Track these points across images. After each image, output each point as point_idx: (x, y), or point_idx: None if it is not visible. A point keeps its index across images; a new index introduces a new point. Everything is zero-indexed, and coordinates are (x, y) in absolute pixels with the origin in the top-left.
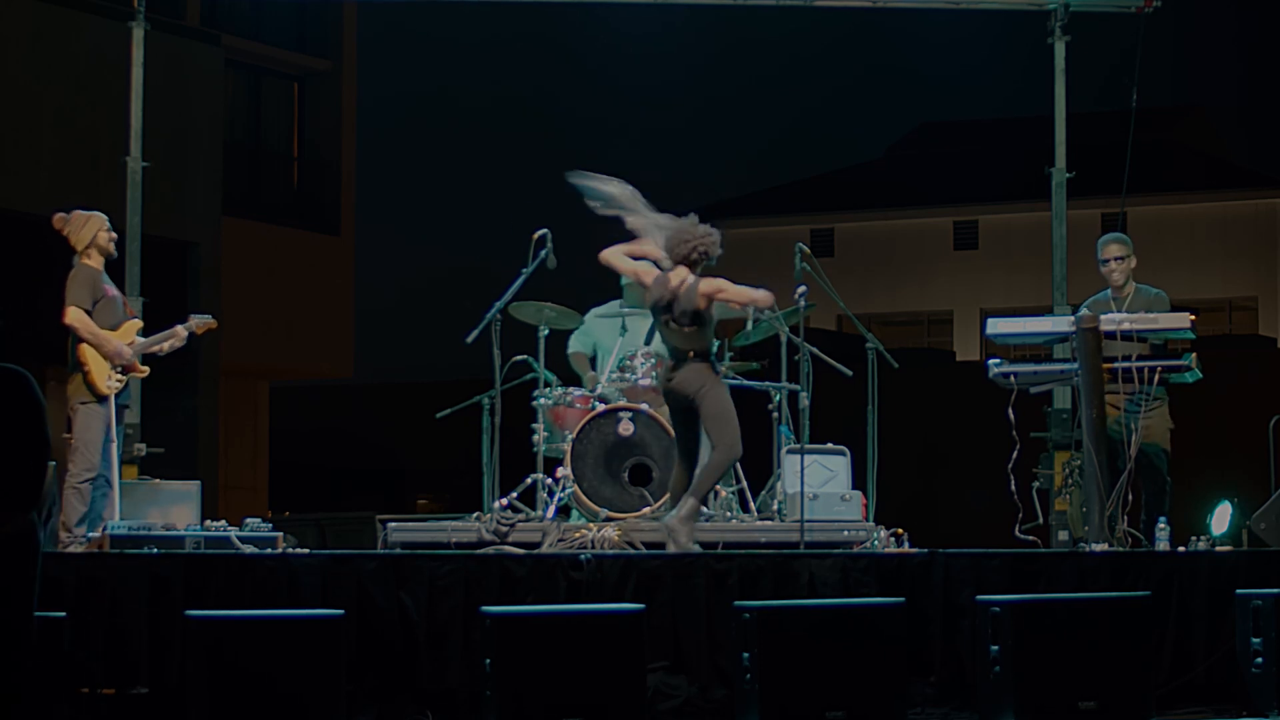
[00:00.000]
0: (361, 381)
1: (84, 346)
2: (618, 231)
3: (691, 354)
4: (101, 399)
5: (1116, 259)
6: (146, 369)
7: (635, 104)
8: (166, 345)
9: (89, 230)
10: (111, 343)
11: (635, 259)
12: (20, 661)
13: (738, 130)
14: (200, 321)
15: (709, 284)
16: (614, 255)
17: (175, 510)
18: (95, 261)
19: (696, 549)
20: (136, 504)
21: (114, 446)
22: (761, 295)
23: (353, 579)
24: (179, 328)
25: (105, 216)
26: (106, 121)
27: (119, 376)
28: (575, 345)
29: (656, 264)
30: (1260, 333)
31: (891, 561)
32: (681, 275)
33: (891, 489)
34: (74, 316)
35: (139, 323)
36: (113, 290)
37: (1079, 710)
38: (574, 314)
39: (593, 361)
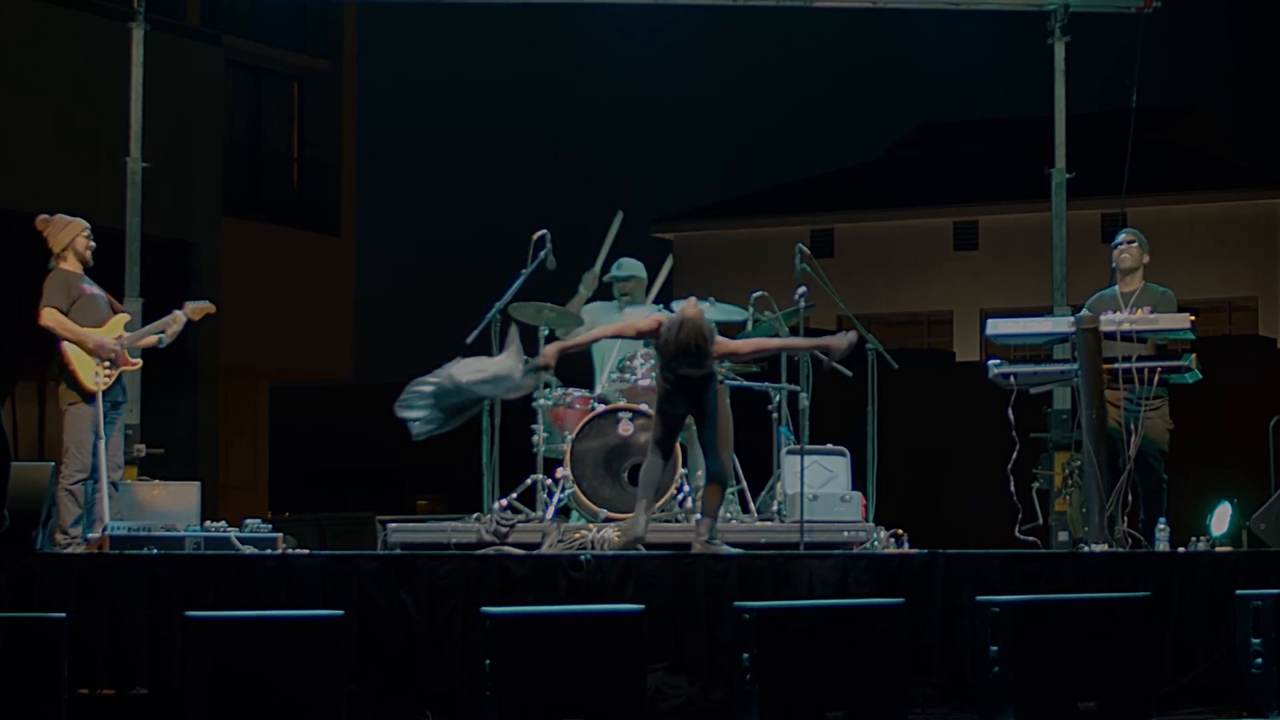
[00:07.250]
0: (361, 381)
1: (65, 345)
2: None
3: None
4: (90, 397)
5: (1128, 241)
6: (139, 362)
7: (634, 103)
8: (164, 335)
9: (67, 235)
10: (93, 337)
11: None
12: None
13: (738, 130)
14: (197, 307)
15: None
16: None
17: (175, 511)
18: (71, 265)
19: (734, 551)
20: (136, 504)
21: (102, 444)
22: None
23: (353, 579)
24: (175, 314)
25: (88, 225)
26: (106, 121)
27: (108, 371)
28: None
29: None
30: (1260, 333)
31: (891, 562)
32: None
33: (891, 489)
34: (49, 317)
35: (126, 317)
36: (92, 290)
37: (1079, 710)
38: (572, 315)
39: (590, 356)
